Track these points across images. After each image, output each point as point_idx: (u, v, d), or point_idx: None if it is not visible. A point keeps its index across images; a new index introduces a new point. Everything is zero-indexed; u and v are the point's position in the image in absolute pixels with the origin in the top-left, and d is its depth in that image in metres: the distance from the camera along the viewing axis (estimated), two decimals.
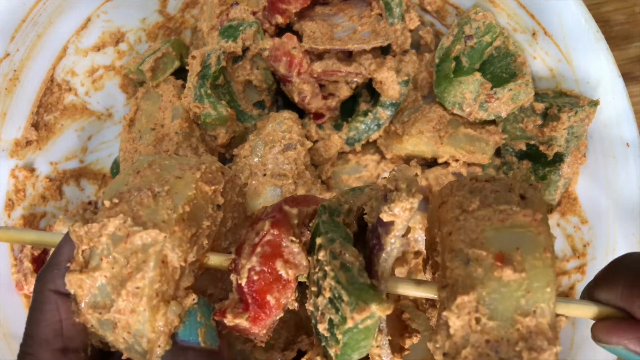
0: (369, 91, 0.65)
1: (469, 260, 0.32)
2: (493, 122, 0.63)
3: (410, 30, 0.63)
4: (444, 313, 0.32)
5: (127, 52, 0.68)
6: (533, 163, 0.62)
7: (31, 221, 0.65)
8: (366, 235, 0.36)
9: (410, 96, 0.64)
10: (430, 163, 0.65)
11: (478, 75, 0.60)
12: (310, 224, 0.38)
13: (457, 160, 0.62)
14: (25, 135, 0.65)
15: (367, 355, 0.36)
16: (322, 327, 0.35)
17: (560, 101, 0.60)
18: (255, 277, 0.36)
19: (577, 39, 0.59)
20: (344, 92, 0.63)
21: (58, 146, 0.67)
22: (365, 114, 0.63)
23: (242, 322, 0.36)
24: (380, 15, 0.63)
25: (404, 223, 0.32)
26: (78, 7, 0.65)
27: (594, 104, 0.58)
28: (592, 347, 0.58)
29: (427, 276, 0.39)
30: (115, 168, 0.66)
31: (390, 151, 0.64)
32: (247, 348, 0.54)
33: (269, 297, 0.36)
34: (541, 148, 0.61)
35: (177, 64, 0.64)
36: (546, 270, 0.32)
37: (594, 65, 0.59)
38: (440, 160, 0.63)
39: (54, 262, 0.37)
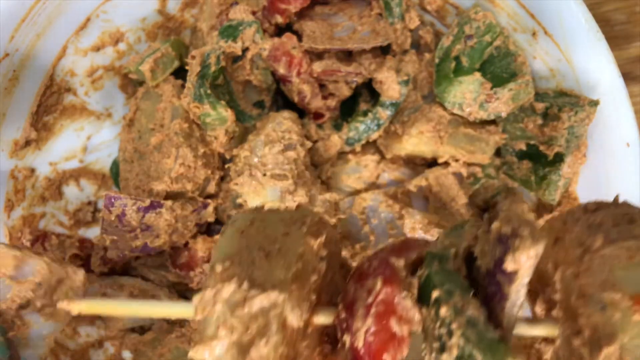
0: (369, 91, 0.65)
1: (605, 305, 0.31)
2: (493, 122, 0.63)
3: (410, 30, 0.63)
4: None
5: (127, 52, 0.68)
6: (533, 163, 0.62)
7: (31, 221, 0.65)
8: (478, 279, 0.35)
9: (410, 96, 0.64)
10: (430, 163, 0.65)
11: (478, 75, 0.60)
12: (418, 272, 0.37)
13: (457, 160, 0.62)
14: (24, 136, 0.65)
15: None
16: None
17: (560, 101, 0.60)
18: (371, 338, 0.35)
19: (577, 38, 0.59)
20: (344, 92, 0.63)
21: (57, 146, 0.67)
22: (365, 114, 0.63)
23: None
24: (380, 14, 0.63)
25: (529, 271, 0.31)
26: (77, 6, 0.65)
27: (594, 103, 0.58)
28: None
29: (538, 311, 0.38)
30: (115, 168, 0.66)
31: (390, 151, 0.63)
32: None
33: (385, 356, 0.35)
34: (541, 148, 0.61)
35: (176, 63, 0.64)
36: None
37: (594, 65, 0.59)
38: (440, 160, 0.63)
39: None
